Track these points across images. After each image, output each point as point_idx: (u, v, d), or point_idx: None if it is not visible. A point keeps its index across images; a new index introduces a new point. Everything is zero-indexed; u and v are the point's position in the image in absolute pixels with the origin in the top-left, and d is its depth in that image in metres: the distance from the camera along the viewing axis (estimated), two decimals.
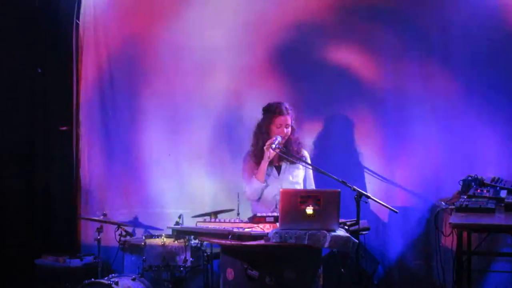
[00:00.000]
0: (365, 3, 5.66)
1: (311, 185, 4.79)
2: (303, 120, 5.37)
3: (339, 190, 3.87)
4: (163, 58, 6.12)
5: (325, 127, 5.75)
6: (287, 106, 4.68)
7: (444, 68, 5.51)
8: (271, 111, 4.66)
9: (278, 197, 4.48)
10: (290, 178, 4.67)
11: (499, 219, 4.09)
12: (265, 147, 4.51)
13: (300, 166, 4.71)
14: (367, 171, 5.66)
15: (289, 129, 4.65)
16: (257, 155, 4.66)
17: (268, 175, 4.65)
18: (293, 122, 4.70)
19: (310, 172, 4.78)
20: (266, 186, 4.64)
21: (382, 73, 5.66)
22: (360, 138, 5.69)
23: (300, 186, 4.71)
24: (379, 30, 5.63)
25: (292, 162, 4.66)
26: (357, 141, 5.69)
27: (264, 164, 4.56)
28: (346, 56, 5.71)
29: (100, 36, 6.25)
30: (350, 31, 5.70)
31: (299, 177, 4.72)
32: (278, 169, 4.70)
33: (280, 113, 4.62)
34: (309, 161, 4.77)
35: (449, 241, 5.05)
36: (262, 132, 4.67)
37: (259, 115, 4.81)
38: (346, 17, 5.70)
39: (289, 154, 4.57)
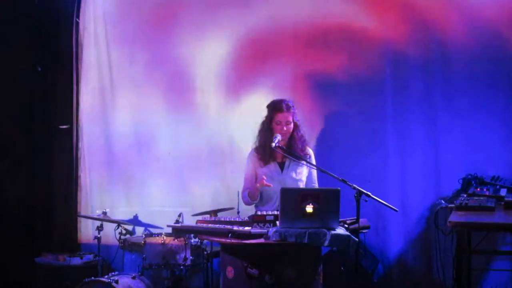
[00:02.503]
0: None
1: (314, 183, 4.77)
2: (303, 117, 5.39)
3: (339, 188, 3.87)
4: (164, 55, 6.13)
5: (326, 124, 5.76)
6: (288, 103, 4.63)
7: (445, 66, 5.52)
8: (272, 108, 4.64)
9: None
10: (293, 175, 4.65)
11: (499, 217, 4.09)
12: (258, 184, 4.51)
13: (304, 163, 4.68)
14: (367, 169, 5.66)
15: (290, 126, 4.61)
16: (260, 152, 4.66)
17: (271, 172, 4.65)
18: (296, 119, 4.68)
19: (314, 170, 4.75)
20: (259, 201, 4.64)
21: (382, 71, 5.67)
22: (360, 135, 5.70)
23: (302, 184, 4.69)
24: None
25: (296, 159, 4.64)
26: (358, 139, 5.69)
27: (256, 190, 4.58)
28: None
29: (100, 34, 6.26)
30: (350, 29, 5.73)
31: (303, 174, 4.70)
32: (281, 166, 4.68)
33: (280, 110, 4.59)
34: (313, 158, 4.75)
35: (449, 239, 5.06)
36: (265, 130, 4.65)
37: (259, 113, 4.80)
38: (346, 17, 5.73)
39: (290, 152, 4.55)
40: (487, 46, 5.39)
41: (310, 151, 4.78)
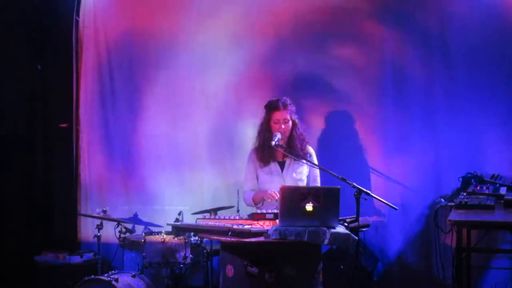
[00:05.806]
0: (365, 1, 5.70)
1: (316, 182, 4.76)
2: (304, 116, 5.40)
3: (339, 187, 3.87)
4: (164, 53, 6.13)
5: (326, 123, 5.76)
6: (285, 101, 4.63)
7: (445, 65, 5.51)
8: (269, 107, 4.65)
9: None
10: (294, 175, 4.65)
11: (498, 216, 4.09)
12: (265, 197, 4.53)
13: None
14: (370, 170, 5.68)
15: (289, 124, 4.61)
16: (260, 151, 4.65)
17: (271, 171, 4.65)
18: (294, 117, 4.67)
19: (316, 169, 4.75)
20: (262, 204, 4.64)
21: (382, 70, 5.66)
22: (361, 134, 5.70)
23: (303, 183, 4.68)
24: (378, 27, 5.65)
25: (296, 159, 4.64)
26: (358, 137, 5.70)
27: (261, 198, 4.60)
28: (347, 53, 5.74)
29: (100, 32, 6.25)
30: (350, 28, 5.73)
31: (303, 173, 4.70)
32: (282, 165, 4.68)
33: (276, 108, 4.59)
34: (314, 157, 4.75)
35: (448, 238, 5.06)
36: (264, 130, 4.66)
37: (258, 112, 4.80)
38: (345, 15, 5.72)
39: (290, 151, 4.55)
40: (487, 44, 5.39)
41: (311, 150, 4.77)
